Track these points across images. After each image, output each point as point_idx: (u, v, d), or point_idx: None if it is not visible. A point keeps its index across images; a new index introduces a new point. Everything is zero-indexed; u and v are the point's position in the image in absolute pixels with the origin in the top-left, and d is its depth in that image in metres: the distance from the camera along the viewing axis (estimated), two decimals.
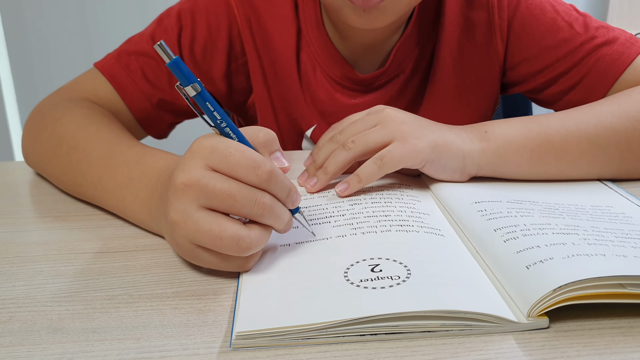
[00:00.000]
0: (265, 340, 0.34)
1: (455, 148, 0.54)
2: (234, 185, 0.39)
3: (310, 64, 0.73)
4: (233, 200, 0.39)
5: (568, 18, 0.69)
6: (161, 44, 0.37)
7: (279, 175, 0.40)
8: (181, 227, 0.40)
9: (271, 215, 0.40)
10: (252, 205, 0.39)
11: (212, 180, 0.39)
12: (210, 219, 0.39)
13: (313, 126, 0.76)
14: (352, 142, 0.54)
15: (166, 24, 0.71)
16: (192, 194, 0.39)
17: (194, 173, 0.39)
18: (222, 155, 0.39)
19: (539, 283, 0.36)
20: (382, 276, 0.39)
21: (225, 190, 0.39)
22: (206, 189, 0.39)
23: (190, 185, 0.39)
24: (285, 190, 0.41)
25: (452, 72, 0.73)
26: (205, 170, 0.39)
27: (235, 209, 0.39)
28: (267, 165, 0.39)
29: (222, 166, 0.39)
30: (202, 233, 0.39)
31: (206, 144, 0.40)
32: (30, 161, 0.65)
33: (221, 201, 0.39)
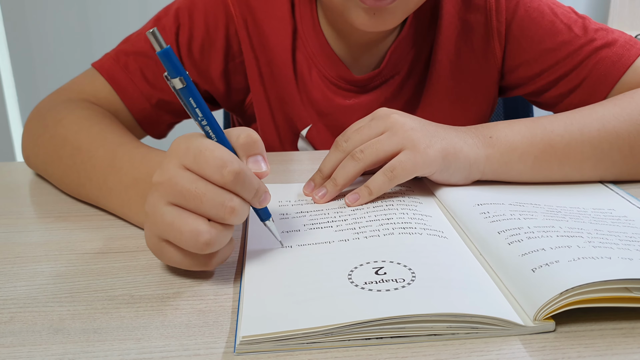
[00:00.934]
0: (270, 345, 0.34)
1: (463, 157, 0.54)
2: (201, 186, 0.39)
3: (306, 64, 0.73)
4: (199, 201, 0.38)
5: (567, 21, 0.69)
6: (154, 32, 0.37)
7: (246, 177, 0.39)
8: (150, 220, 0.41)
9: (236, 219, 0.39)
10: (218, 207, 0.39)
11: (181, 180, 0.39)
12: (174, 213, 0.39)
13: (309, 126, 0.76)
14: (361, 152, 0.52)
15: (164, 23, 0.71)
16: (163, 191, 0.40)
17: (167, 170, 0.40)
18: (193, 154, 0.39)
19: (545, 286, 0.36)
20: (387, 279, 0.39)
21: (192, 191, 0.39)
22: (175, 188, 0.39)
23: (162, 183, 0.40)
24: (251, 192, 0.40)
25: (449, 74, 0.73)
26: (179, 168, 0.39)
27: (201, 209, 0.39)
28: (234, 165, 0.39)
29: (193, 165, 0.39)
30: (165, 226, 0.39)
31: (182, 143, 0.40)
32: (31, 162, 0.65)
33: (188, 201, 0.39)
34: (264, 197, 0.42)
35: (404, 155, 0.52)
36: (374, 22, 0.61)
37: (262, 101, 0.75)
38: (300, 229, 0.48)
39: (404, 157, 0.51)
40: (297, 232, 0.47)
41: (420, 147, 0.52)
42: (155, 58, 0.70)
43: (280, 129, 0.77)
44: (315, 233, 0.47)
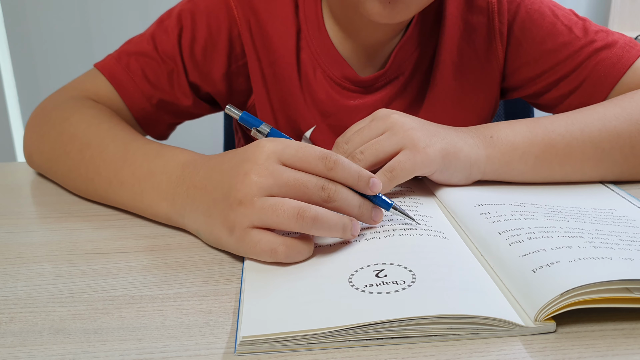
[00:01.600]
0: (270, 345, 0.34)
1: (463, 156, 0.54)
2: (304, 175, 0.43)
3: (310, 65, 0.73)
4: (305, 187, 0.43)
5: (567, 22, 0.69)
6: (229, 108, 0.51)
7: (345, 162, 0.44)
8: (247, 207, 0.42)
9: (339, 199, 0.43)
10: (320, 191, 0.43)
11: (285, 172, 0.43)
12: (275, 199, 0.42)
13: (312, 127, 0.76)
14: (361, 153, 0.52)
15: (166, 25, 0.71)
16: (265, 184, 0.42)
17: (268, 167, 0.43)
18: (294, 150, 0.44)
19: (546, 287, 0.36)
20: (387, 281, 0.39)
21: (298, 179, 0.43)
22: (279, 180, 0.42)
23: (265, 177, 0.42)
24: (354, 175, 0.44)
25: (452, 75, 0.73)
26: (278, 165, 0.43)
27: (307, 195, 0.43)
28: (333, 154, 0.44)
29: (295, 159, 0.43)
30: (266, 209, 0.42)
31: (277, 142, 0.44)
32: (35, 160, 0.65)
33: (293, 189, 0.43)
34: (372, 183, 0.45)
35: (403, 155, 0.52)
36: (388, 13, 0.60)
37: (265, 103, 0.75)
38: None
39: (403, 157, 0.51)
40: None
41: (420, 147, 0.52)
42: (157, 59, 0.70)
43: (282, 131, 0.77)
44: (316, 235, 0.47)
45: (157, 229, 0.51)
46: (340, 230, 0.43)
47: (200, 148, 0.59)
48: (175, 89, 0.71)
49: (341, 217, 0.43)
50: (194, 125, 0.84)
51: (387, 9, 0.60)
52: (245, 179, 0.43)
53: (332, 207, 0.43)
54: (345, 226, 0.43)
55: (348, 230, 0.44)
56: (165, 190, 0.50)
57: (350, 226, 0.44)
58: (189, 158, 0.51)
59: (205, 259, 0.46)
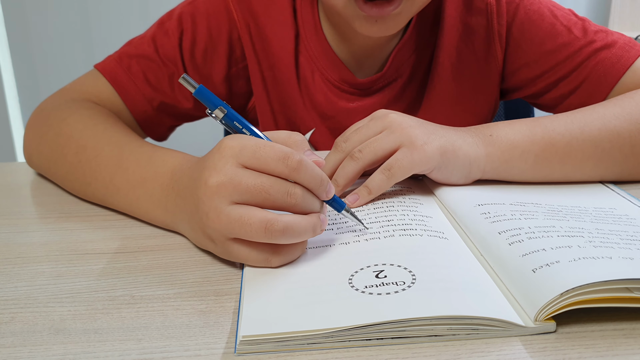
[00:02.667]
0: (270, 345, 0.34)
1: (462, 154, 0.53)
2: (265, 180, 0.40)
3: (308, 68, 0.73)
4: (266, 193, 0.40)
5: (567, 23, 0.69)
6: (184, 77, 0.42)
7: (308, 165, 0.41)
8: (215, 222, 0.41)
9: (304, 205, 0.41)
10: (285, 197, 0.40)
11: (244, 178, 0.40)
12: (240, 210, 0.40)
13: (312, 130, 0.76)
14: (359, 151, 0.52)
15: (167, 27, 0.71)
16: (225, 192, 0.40)
17: (226, 172, 0.40)
18: (251, 151, 0.41)
19: (546, 287, 0.36)
20: (387, 282, 0.39)
21: (258, 185, 0.40)
22: (239, 186, 0.40)
23: (223, 184, 0.40)
24: (317, 180, 0.42)
25: (450, 77, 0.73)
26: (236, 168, 0.41)
27: (269, 202, 0.40)
28: (296, 155, 0.41)
29: (253, 161, 0.41)
30: (233, 223, 0.40)
31: (234, 143, 0.41)
32: (34, 161, 0.65)
33: (254, 196, 0.40)
34: (329, 187, 0.43)
35: (401, 153, 0.52)
36: (377, 29, 0.61)
37: (265, 106, 0.75)
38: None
39: (400, 154, 0.51)
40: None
41: (418, 144, 0.52)
42: (157, 61, 0.70)
43: None
44: (316, 236, 0.47)
45: (156, 229, 0.51)
46: (310, 233, 0.42)
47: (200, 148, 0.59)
48: (176, 92, 0.71)
49: (309, 219, 0.42)
50: (195, 125, 0.84)
51: (376, 25, 0.60)
52: (207, 189, 0.41)
53: (295, 211, 0.42)
54: (314, 226, 0.42)
55: (318, 229, 0.42)
56: (158, 198, 0.50)
57: (319, 224, 0.43)
58: (177, 163, 0.50)
59: (205, 259, 0.46)
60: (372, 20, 0.60)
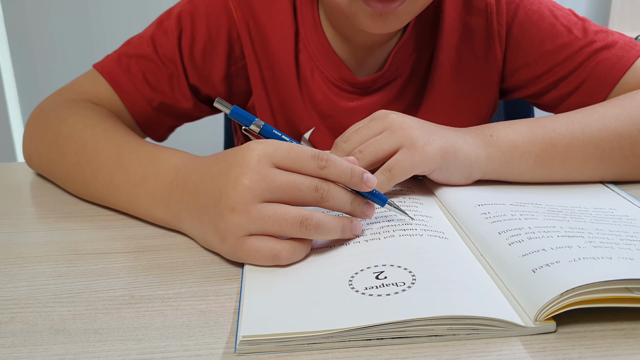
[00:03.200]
0: (271, 345, 0.34)
1: (463, 155, 0.53)
2: (297, 177, 0.43)
3: (308, 67, 0.73)
4: (298, 190, 0.42)
5: (567, 23, 0.69)
6: (219, 100, 0.47)
7: (337, 160, 0.43)
8: (242, 216, 0.42)
9: (332, 198, 0.43)
10: (314, 192, 0.43)
11: (277, 175, 0.42)
12: (273, 206, 0.42)
13: (312, 129, 0.76)
14: (360, 152, 0.52)
15: (166, 27, 0.71)
16: (259, 190, 0.42)
17: (259, 170, 0.42)
18: (285, 151, 0.43)
19: (546, 287, 0.36)
20: (387, 283, 0.39)
21: (291, 182, 0.42)
22: (272, 184, 0.42)
23: (257, 182, 0.42)
24: (346, 173, 0.44)
25: (450, 77, 0.73)
26: (270, 167, 0.42)
27: (300, 198, 0.42)
28: (324, 154, 0.43)
29: (286, 160, 0.43)
30: (267, 218, 0.41)
31: (268, 144, 0.43)
32: (34, 162, 0.65)
33: (286, 192, 0.42)
34: (366, 178, 0.45)
35: (401, 153, 0.52)
36: (381, 25, 0.61)
37: (265, 105, 0.75)
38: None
39: (401, 155, 0.51)
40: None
41: (418, 145, 0.52)
42: (157, 61, 0.70)
43: None
44: None
45: (157, 229, 0.51)
46: (339, 232, 0.44)
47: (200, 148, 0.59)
48: (175, 92, 0.71)
49: (340, 220, 0.43)
50: (195, 125, 0.84)
51: (379, 21, 0.60)
52: (237, 184, 0.42)
53: (325, 206, 0.44)
54: (344, 227, 0.44)
55: (347, 231, 0.44)
56: (160, 196, 0.50)
57: (350, 227, 0.44)
58: (180, 161, 0.50)
59: (205, 259, 0.46)
60: (377, 16, 0.60)
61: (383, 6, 0.58)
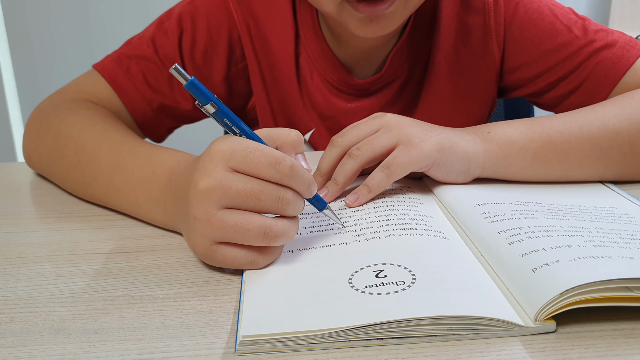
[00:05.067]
0: (270, 345, 0.34)
1: (460, 150, 0.54)
2: (256, 185, 0.40)
3: (308, 68, 0.73)
4: (257, 199, 0.40)
5: (567, 22, 0.68)
6: (176, 67, 0.39)
7: (299, 170, 0.41)
8: (204, 225, 0.40)
9: (293, 209, 0.42)
10: (276, 202, 0.40)
11: (234, 182, 0.40)
12: (234, 215, 0.40)
13: (311, 130, 0.76)
14: (358, 149, 0.52)
15: (166, 27, 0.71)
16: (215, 197, 0.40)
17: (215, 176, 0.40)
18: (242, 155, 0.40)
19: (545, 287, 0.36)
20: (387, 282, 0.39)
21: (248, 190, 0.40)
22: (229, 191, 0.40)
23: (213, 189, 0.40)
24: (305, 184, 0.42)
25: (447, 76, 0.73)
26: (227, 172, 0.40)
27: (259, 207, 0.40)
28: (287, 160, 0.40)
29: (243, 165, 0.40)
30: (228, 228, 0.40)
31: (225, 147, 0.41)
32: (34, 162, 0.65)
33: (245, 201, 0.40)
34: (313, 188, 0.44)
35: (398, 150, 0.52)
36: (372, 29, 0.61)
37: (265, 106, 0.75)
38: (301, 232, 0.48)
39: (398, 152, 0.52)
40: (297, 235, 0.47)
41: (415, 142, 0.52)
42: (157, 62, 0.70)
43: None
44: (316, 236, 0.47)
45: (156, 229, 0.51)
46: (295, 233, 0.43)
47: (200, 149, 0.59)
48: (175, 93, 0.71)
49: (297, 222, 0.43)
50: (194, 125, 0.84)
51: (371, 26, 0.60)
52: (196, 191, 0.40)
53: (286, 214, 0.42)
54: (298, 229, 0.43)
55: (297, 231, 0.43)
56: (157, 198, 0.49)
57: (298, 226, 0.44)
58: (174, 163, 0.50)
59: None
60: (367, 21, 0.60)
61: (371, 9, 0.58)
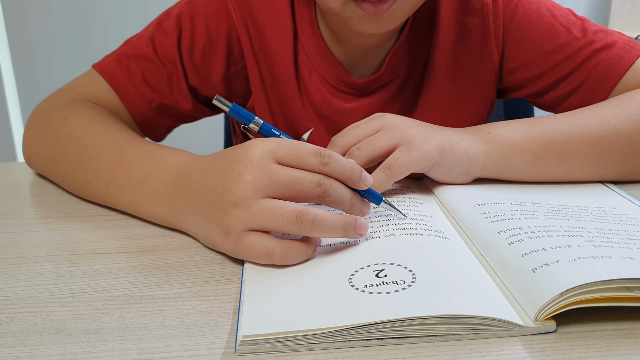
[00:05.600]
0: (270, 345, 0.34)
1: (460, 151, 0.54)
2: (300, 172, 0.43)
3: (306, 68, 0.73)
4: (301, 185, 0.42)
5: (566, 23, 0.68)
6: (218, 98, 0.47)
7: (338, 157, 0.44)
8: (244, 211, 0.42)
9: (334, 194, 0.43)
10: (316, 187, 0.43)
11: (281, 171, 0.43)
12: (272, 202, 0.42)
13: (310, 130, 0.76)
14: (358, 149, 0.53)
15: (165, 27, 0.71)
16: (261, 185, 0.42)
17: (263, 166, 0.42)
18: (287, 147, 0.43)
19: (545, 287, 0.36)
20: (387, 281, 0.39)
21: (293, 177, 0.42)
22: (276, 180, 0.42)
23: (260, 177, 0.42)
24: (347, 170, 0.44)
25: (446, 77, 0.73)
26: (273, 163, 0.43)
27: (302, 193, 0.43)
28: (326, 150, 0.44)
29: (289, 156, 0.43)
30: (264, 212, 0.41)
31: (269, 141, 0.44)
32: (34, 161, 0.65)
33: (290, 187, 0.42)
34: (364, 176, 0.45)
35: (399, 151, 0.52)
36: (374, 25, 0.61)
37: (264, 105, 0.75)
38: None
39: (399, 153, 0.52)
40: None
41: (415, 143, 0.52)
42: (156, 62, 0.70)
43: None
44: None
45: (157, 229, 0.51)
46: (340, 230, 0.43)
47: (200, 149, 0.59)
48: (175, 93, 0.71)
49: (340, 217, 0.43)
50: (194, 125, 0.84)
51: (373, 21, 0.60)
52: (240, 180, 0.42)
53: (327, 202, 0.44)
54: (347, 225, 0.43)
55: (351, 229, 0.43)
56: (161, 194, 0.50)
57: (354, 225, 0.44)
58: (181, 160, 0.50)
59: (205, 259, 0.46)
60: (370, 17, 0.60)
61: (375, 8, 0.59)
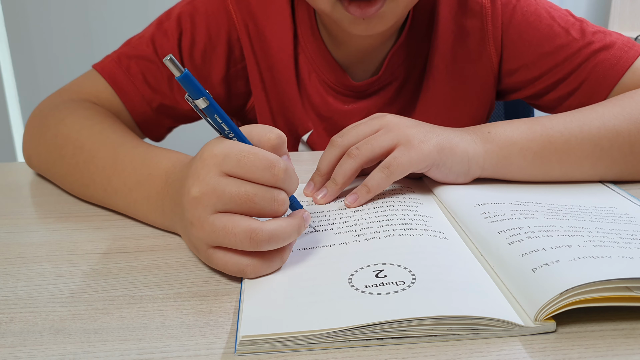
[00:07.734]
0: (270, 345, 0.34)
1: (460, 151, 0.54)
2: (250, 188, 0.40)
3: (306, 69, 0.73)
4: (252, 202, 0.40)
5: (564, 24, 0.68)
6: (171, 58, 0.38)
7: (292, 171, 0.41)
8: (199, 230, 0.40)
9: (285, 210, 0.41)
10: (271, 203, 0.40)
11: (227, 187, 0.39)
12: (224, 219, 0.40)
13: (310, 131, 0.76)
14: (357, 149, 0.52)
15: (166, 27, 0.71)
16: (208, 202, 0.40)
17: (208, 181, 0.40)
18: (235, 160, 0.40)
19: (545, 286, 0.36)
20: (387, 282, 0.39)
21: (242, 194, 0.39)
22: (223, 196, 0.39)
23: (206, 194, 0.40)
24: (296, 185, 0.42)
25: (445, 79, 0.73)
26: (220, 177, 0.40)
27: (255, 210, 0.40)
28: (281, 163, 0.40)
29: (237, 170, 0.40)
30: (217, 232, 0.39)
31: (217, 151, 0.41)
32: (33, 162, 0.65)
33: (239, 205, 0.40)
34: None
35: (398, 151, 0.52)
36: (364, 28, 0.61)
37: (264, 106, 0.75)
38: None
39: (398, 152, 0.52)
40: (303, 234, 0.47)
41: (415, 142, 0.52)
42: (157, 62, 0.70)
43: None
44: (316, 236, 0.47)
45: (156, 229, 0.51)
46: (295, 234, 0.41)
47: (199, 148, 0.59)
48: (175, 93, 0.71)
49: (293, 222, 0.41)
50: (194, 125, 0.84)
51: (362, 24, 0.61)
52: (190, 197, 0.40)
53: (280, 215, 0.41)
54: (299, 227, 0.42)
55: (302, 227, 0.42)
56: (154, 201, 0.49)
57: (304, 222, 0.42)
58: (170, 165, 0.49)
59: None
60: (359, 20, 0.60)
61: (362, 11, 0.59)
